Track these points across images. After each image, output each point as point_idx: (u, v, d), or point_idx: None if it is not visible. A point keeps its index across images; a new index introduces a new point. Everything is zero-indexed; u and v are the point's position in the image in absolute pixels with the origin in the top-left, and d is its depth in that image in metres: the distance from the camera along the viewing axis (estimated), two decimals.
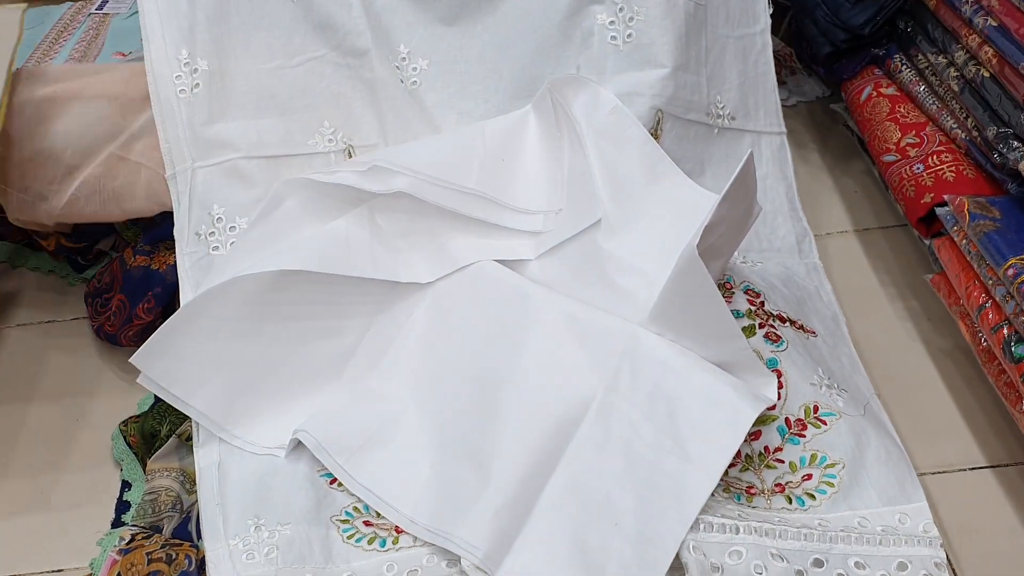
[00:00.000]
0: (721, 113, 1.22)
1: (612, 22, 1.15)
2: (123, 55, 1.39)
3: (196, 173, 1.10)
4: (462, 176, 1.07)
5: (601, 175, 1.07)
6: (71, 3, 1.71)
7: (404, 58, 1.15)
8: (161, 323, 0.99)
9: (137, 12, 1.15)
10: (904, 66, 1.31)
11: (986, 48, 1.12)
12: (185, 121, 1.10)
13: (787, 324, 1.07)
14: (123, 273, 1.19)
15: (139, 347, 0.98)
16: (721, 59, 1.22)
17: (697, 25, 1.17)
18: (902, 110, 1.28)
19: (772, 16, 1.28)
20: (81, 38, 1.60)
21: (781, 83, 1.59)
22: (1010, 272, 0.99)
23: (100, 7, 1.68)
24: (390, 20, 1.15)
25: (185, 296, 1.07)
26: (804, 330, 1.08)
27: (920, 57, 1.28)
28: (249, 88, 1.12)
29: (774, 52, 1.60)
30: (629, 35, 1.14)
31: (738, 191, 0.93)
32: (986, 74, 1.12)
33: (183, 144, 1.10)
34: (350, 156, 1.15)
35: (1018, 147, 1.07)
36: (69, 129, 1.12)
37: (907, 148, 1.23)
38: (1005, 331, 0.99)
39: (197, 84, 1.10)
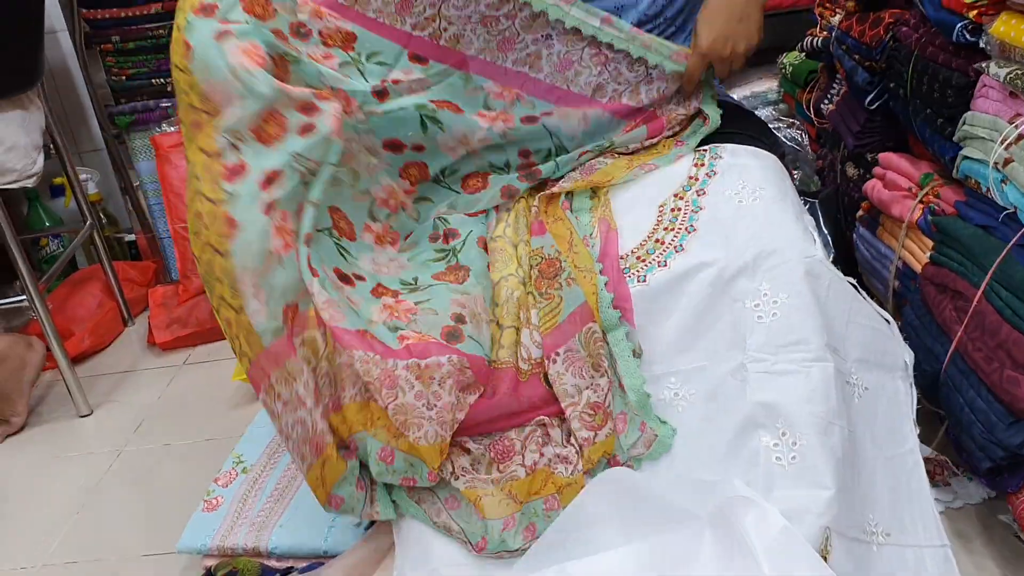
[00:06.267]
0: (875, 530, 1.28)
1: (776, 444, 1.26)
2: None
3: None
4: None
5: None
6: None
7: None
8: None
9: None
10: None
11: None
12: None
13: None
14: None
15: None
16: (872, 479, 1.31)
17: (850, 448, 1.28)
18: None
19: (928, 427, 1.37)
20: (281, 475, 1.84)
21: (945, 484, 1.65)
22: None
23: None
24: None
25: None
26: None
27: None
28: None
29: (932, 459, 1.67)
30: (793, 457, 1.25)
31: None
32: None
33: None
34: None
35: None
36: None
37: None
38: None
39: None
